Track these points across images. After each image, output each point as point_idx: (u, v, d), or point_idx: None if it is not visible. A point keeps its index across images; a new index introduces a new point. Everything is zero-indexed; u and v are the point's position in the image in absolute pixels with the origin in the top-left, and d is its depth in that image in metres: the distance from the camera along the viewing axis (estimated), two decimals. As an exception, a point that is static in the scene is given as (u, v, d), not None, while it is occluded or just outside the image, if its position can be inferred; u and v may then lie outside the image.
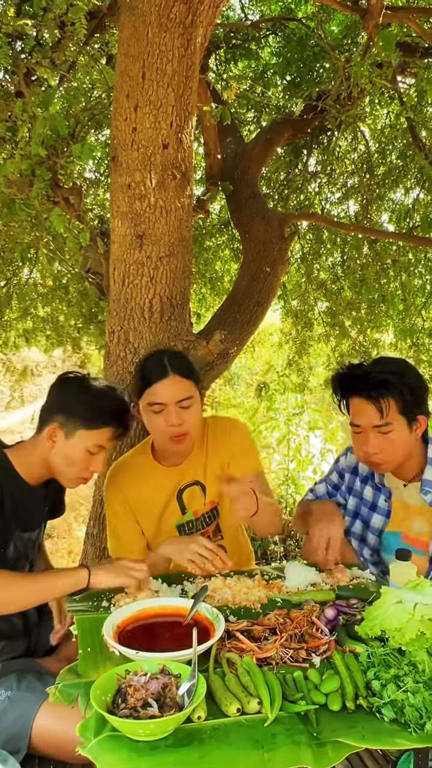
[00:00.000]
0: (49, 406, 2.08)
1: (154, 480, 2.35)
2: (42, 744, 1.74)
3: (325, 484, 2.53)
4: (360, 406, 2.15)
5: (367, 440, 2.15)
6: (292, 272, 6.00)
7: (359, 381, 2.15)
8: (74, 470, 2.05)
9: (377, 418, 2.11)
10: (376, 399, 2.09)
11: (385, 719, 1.35)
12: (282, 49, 5.08)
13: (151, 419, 2.22)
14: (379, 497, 2.34)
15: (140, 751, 1.25)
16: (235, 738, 1.29)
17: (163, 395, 2.17)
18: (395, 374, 2.11)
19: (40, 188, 2.84)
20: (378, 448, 2.14)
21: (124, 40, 2.51)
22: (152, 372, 2.20)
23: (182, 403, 2.18)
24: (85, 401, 2.03)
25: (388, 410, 2.09)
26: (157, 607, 1.75)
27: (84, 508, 6.80)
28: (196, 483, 2.38)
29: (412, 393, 2.12)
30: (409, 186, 5.46)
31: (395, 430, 2.12)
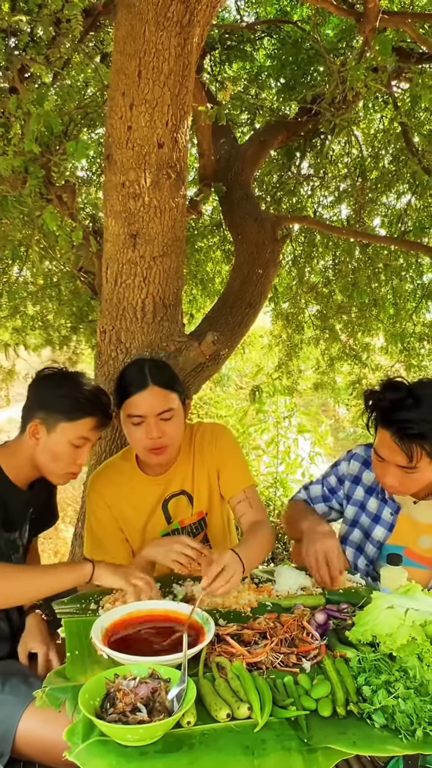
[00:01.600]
0: (30, 405, 2.07)
1: (138, 488, 2.30)
2: (27, 748, 1.71)
3: (322, 486, 2.47)
4: (389, 443, 2.00)
5: (387, 471, 2.06)
6: (283, 275, 6.01)
7: (395, 424, 1.98)
8: (61, 465, 2.03)
9: (404, 462, 1.99)
10: (407, 445, 1.96)
11: (376, 725, 1.35)
12: (277, 52, 5.08)
13: (130, 431, 2.17)
14: (383, 509, 2.29)
15: (129, 757, 1.23)
16: (225, 744, 1.28)
17: (143, 407, 2.11)
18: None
19: (33, 185, 2.82)
20: (398, 482, 2.06)
21: (120, 38, 2.49)
22: (132, 382, 2.14)
23: (162, 415, 2.12)
24: (64, 394, 2.02)
25: (420, 458, 1.97)
26: (146, 610, 1.73)
27: (71, 509, 6.77)
28: (182, 492, 2.34)
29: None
30: (401, 191, 5.49)
31: (420, 471, 2.01)
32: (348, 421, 9.83)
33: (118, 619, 1.67)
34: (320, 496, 2.47)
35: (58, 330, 5.58)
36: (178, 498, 2.33)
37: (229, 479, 2.33)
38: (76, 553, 3.15)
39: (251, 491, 2.32)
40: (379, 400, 2.06)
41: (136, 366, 2.21)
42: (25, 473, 2.07)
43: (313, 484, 2.53)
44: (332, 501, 2.45)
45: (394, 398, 2.01)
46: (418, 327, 5.82)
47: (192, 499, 2.35)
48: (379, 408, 2.06)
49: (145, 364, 2.19)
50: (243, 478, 2.34)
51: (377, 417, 2.07)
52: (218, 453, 2.34)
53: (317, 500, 2.48)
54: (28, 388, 2.12)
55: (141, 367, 2.17)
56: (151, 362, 2.23)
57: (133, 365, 2.24)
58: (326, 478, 2.49)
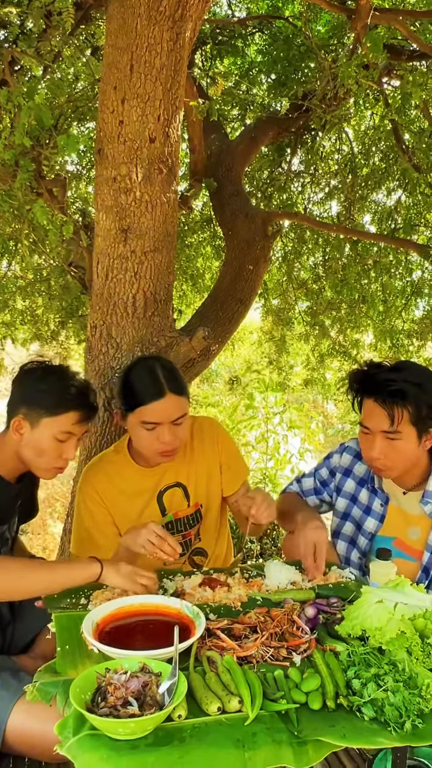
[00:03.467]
0: (13, 399, 2.05)
1: (132, 480, 2.31)
2: (17, 742, 1.71)
3: (314, 479, 2.50)
4: (372, 408, 2.11)
5: (373, 444, 2.12)
6: (273, 271, 6.02)
7: (378, 384, 2.10)
8: (46, 460, 2.02)
9: (387, 425, 2.07)
10: (390, 406, 2.06)
11: (365, 718, 1.35)
12: (268, 48, 5.09)
13: (140, 434, 2.16)
14: (374, 501, 2.31)
15: (120, 750, 1.23)
16: (216, 737, 1.28)
17: (159, 416, 2.11)
18: (416, 385, 2.06)
19: (23, 179, 2.80)
20: (383, 453, 2.11)
21: (112, 32, 2.48)
22: (147, 391, 2.12)
23: (176, 421, 2.14)
24: (46, 389, 1.99)
25: (401, 419, 2.06)
26: (137, 605, 1.73)
27: (60, 504, 6.75)
28: (178, 485, 2.35)
29: (428, 407, 2.07)
30: (391, 188, 5.51)
31: (403, 439, 2.08)
32: (337, 417, 9.89)
33: (108, 614, 1.67)
34: (312, 489, 2.50)
35: (47, 324, 5.56)
36: (173, 490, 2.34)
37: (230, 477, 2.42)
38: (66, 548, 3.14)
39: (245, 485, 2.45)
40: (362, 373, 2.18)
41: (147, 370, 2.18)
42: (12, 467, 2.06)
43: (305, 476, 2.55)
44: (323, 494, 2.48)
45: (374, 365, 2.18)
46: (407, 324, 5.85)
47: (187, 490, 2.36)
48: (362, 380, 2.17)
49: (157, 369, 2.16)
50: (241, 475, 2.47)
51: (360, 389, 2.18)
52: (221, 450, 2.40)
53: (309, 493, 2.50)
54: (12, 382, 2.10)
55: (154, 373, 2.15)
56: (161, 366, 2.20)
57: (144, 368, 2.20)
58: (318, 470, 2.51)
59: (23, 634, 2.16)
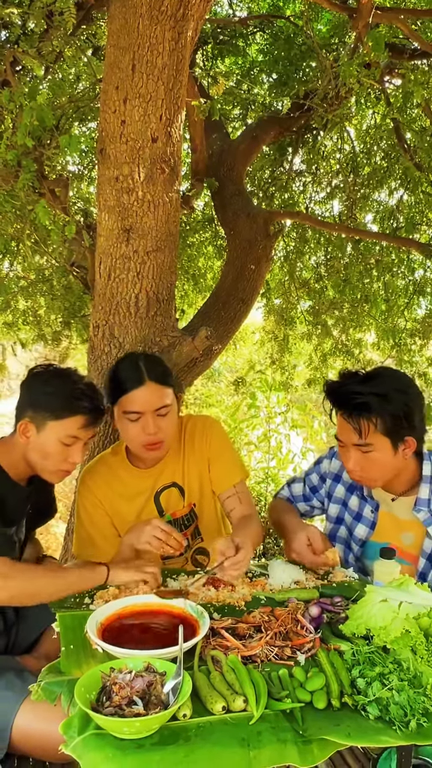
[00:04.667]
0: (20, 403, 2.06)
1: (129, 482, 2.30)
2: (22, 742, 1.71)
3: (304, 485, 2.48)
4: (342, 422, 2.09)
5: (348, 456, 2.10)
6: (275, 270, 6.01)
7: (343, 397, 2.08)
8: (51, 463, 2.02)
9: (356, 438, 2.04)
10: (356, 419, 2.02)
11: (370, 717, 1.35)
12: (269, 47, 5.08)
13: (126, 427, 2.16)
14: (365, 507, 2.29)
15: (125, 750, 1.23)
16: (221, 736, 1.28)
17: (140, 404, 2.10)
18: (379, 397, 2.01)
19: (25, 179, 2.80)
20: (358, 466, 2.09)
21: (113, 32, 2.48)
22: (128, 378, 2.12)
23: (159, 411, 2.12)
24: (51, 392, 2.00)
25: (368, 432, 2.02)
26: (140, 604, 1.73)
27: (62, 504, 6.74)
28: (174, 485, 2.34)
29: (395, 417, 2.02)
30: (393, 187, 5.51)
31: (377, 450, 2.04)
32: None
33: (112, 614, 1.67)
34: (301, 495, 2.48)
35: (50, 325, 5.56)
36: (170, 490, 2.34)
37: (219, 475, 2.35)
38: (69, 548, 3.14)
39: (241, 486, 2.35)
40: (332, 385, 2.15)
41: (130, 361, 2.19)
42: (22, 470, 2.06)
43: (295, 481, 2.52)
44: (313, 500, 2.46)
45: (345, 378, 2.13)
46: (410, 323, 5.84)
47: (183, 491, 2.35)
48: (330, 392, 2.14)
49: (139, 359, 2.17)
50: (233, 473, 2.36)
51: (332, 402, 2.14)
52: (209, 447, 2.35)
53: (298, 499, 2.48)
54: (20, 385, 2.10)
55: (135, 363, 2.16)
56: (144, 357, 2.21)
57: (127, 360, 2.22)
58: (309, 475, 2.49)
59: (27, 635, 2.17)
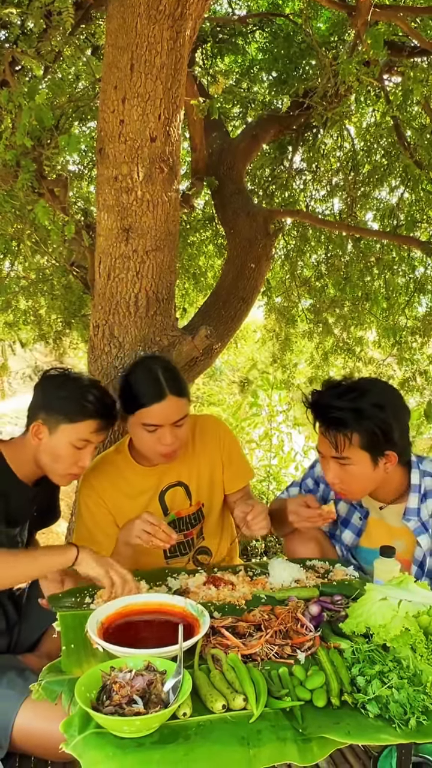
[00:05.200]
0: (34, 405, 2.08)
1: (133, 480, 2.31)
2: (23, 741, 1.72)
3: (299, 489, 2.47)
4: (320, 434, 2.08)
5: (328, 468, 2.09)
6: (276, 269, 6.01)
7: (320, 410, 2.07)
8: (62, 466, 2.04)
9: (333, 451, 2.03)
10: (332, 434, 2.02)
11: (370, 715, 1.36)
12: (269, 45, 5.07)
13: (141, 435, 2.16)
14: (353, 514, 2.28)
15: (125, 748, 1.23)
16: (221, 735, 1.28)
17: (160, 418, 2.11)
18: (354, 412, 1.99)
19: (25, 179, 2.80)
20: (337, 478, 2.07)
21: (112, 31, 2.48)
22: (148, 393, 2.11)
23: (177, 423, 2.14)
24: (66, 396, 2.02)
25: (344, 446, 2.00)
26: (141, 603, 1.73)
27: (64, 504, 6.76)
28: (179, 484, 2.35)
29: (374, 433, 1.99)
30: (393, 185, 5.50)
31: (354, 464, 2.03)
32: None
33: (113, 613, 1.68)
34: None
35: (51, 325, 5.57)
36: (175, 489, 2.35)
37: (232, 476, 2.42)
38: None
39: (247, 487, 2.46)
40: (314, 394, 2.12)
41: (148, 372, 2.16)
42: (31, 471, 2.08)
43: (292, 485, 2.52)
44: None
45: (324, 390, 2.11)
46: (410, 321, 5.84)
47: (189, 489, 2.36)
48: (310, 404, 2.11)
49: (158, 370, 2.15)
50: (245, 475, 2.47)
51: (312, 412, 2.11)
52: (222, 448, 2.40)
53: None
54: (34, 388, 2.11)
55: (154, 375, 2.13)
56: (162, 368, 2.18)
57: (145, 371, 2.18)
58: (305, 480, 2.49)
59: (29, 634, 2.17)
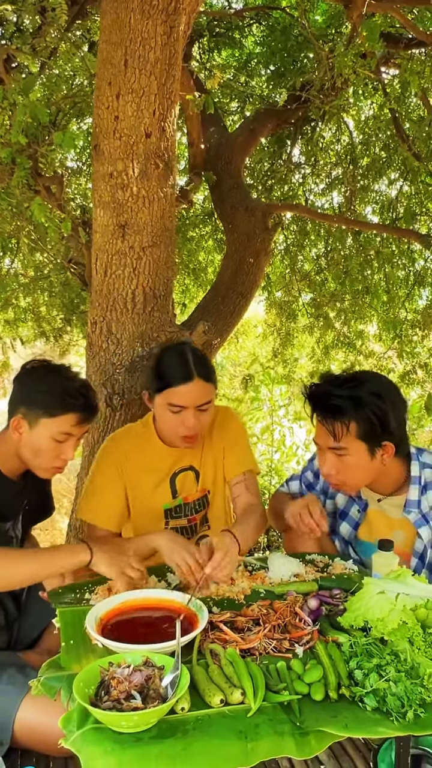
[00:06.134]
0: (13, 399, 2.05)
1: (152, 456, 2.33)
2: (24, 737, 1.73)
3: (300, 482, 2.48)
4: (318, 424, 2.08)
5: (325, 460, 2.09)
6: (276, 263, 6.00)
7: (319, 399, 2.07)
8: (44, 460, 2.02)
9: (331, 441, 2.02)
10: (330, 422, 2.01)
11: (368, 708, 1.36)
12: (266, 39, 5.05)
13: (165, 416, 2.19)
14: (351, 506, 2.29)
15: (123, 743, 1.24)
16: (219, 729, 1.29)
17: (186, 399, 2.14)
18: (353, 400, 1.99)
19: (20, 176, 2.80)
20: (334, 469, 2.07)
21: (105, 27, 2.48)
22: (177, 374, 2.15)
23: (202, 407, 2.17)
24: (45, 390, 1.99)
25: (342, 435, 2.00)
26: (140, 599, 1.74)
27: (67, 500, 6.77)
28: (191, 468, 2.38)
29: (371, 422, 1.99)
30: (392, 178, 5.48)
31: (351, 454, 2.02)
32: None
33: (112, 609, 1.68)
34: (299, 492, 2.47)
35: (50, 322, 5.57)
36: (186, 473, 2.37)
37: (231, 461, 2.41)
38: (72, 543, 3.15)
39: (250, 476, 2.41)
40: (312, 385, 2.13)
41: (179, 354, 2.21)
42: (15, 465, 2.07)
43: (292, 479, 2.52)
44: None
45: (326, 378, 2.12)
46: (411, 314, 5.83)
47: (198, 475, 2.38)
48: (308, 395, 2.12)
49: (188, 354, 2.20)
50: (245, 461, 2.43)
51: (310, 402, 2.12)
52: (227, 435, 2.41)
53: (296, 496, 2.46)
54: (13, 381, 2.10)
55: (185, 357, 2.18)
56: (192, 352, 2.23)
57: (175, 353, 2.24)
58: (304, 473, 2.49)
59: (29, 631, 2.18)
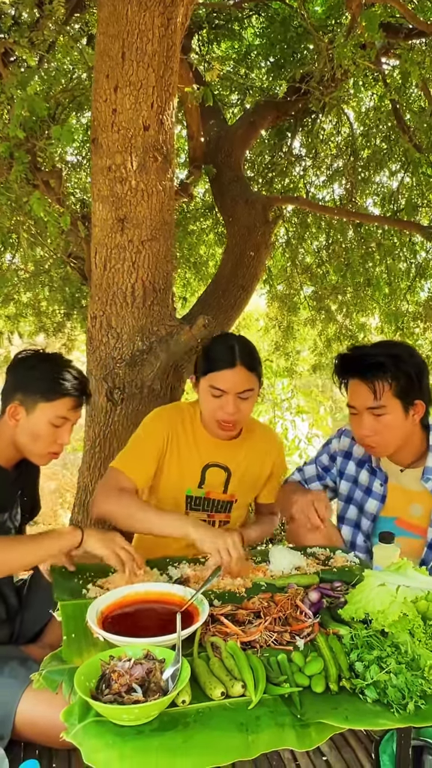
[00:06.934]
0: (8, 387, 2.09)
1: (194, 435, 2.38)
2: (26, 730, 1.74)
3: (315, 465, 2.51)
4: (355, 387, 2.15)
5: (361, 422, 2.14)
6: (277, 256, 5.98)
7: (356, 362, 2.16)
8: (41, 445, 2.05)
9: (370, 400, 2.09)
10: (370, 380, 2.09)
11: (368, 700, 1.36)
12: (265, 30, 5.02)
13: (207, 399, 2.26)
14: (374, 482, 2.32)
15: (125, 736, 1.24)
16: (219, 721, 1.29)
17: (227, 384, 2.20)
18: (392, 357, 2.09)
19: (19, 171, 2.79)
20: (372, 430, 2.13)
21: (103, 20, 2.46)
22: (220, 358, 2.22)
23: (242, 394, 2.22)
24: (41, 375, 2.04)
25: (382, 392, 2.08)
26: (141, 593, 1.74)
27: (70, 494, 6.80)
28: (225, 468, 2.40)
29: (408, 377, 2.09)
30: (393, 169, 5.45)
31: (389, 413, 2.10)
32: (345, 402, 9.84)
33: (113, 602, 1.68)
34: (315, 475, 2.50)
35: (51, 317, 5.57)
36: (218, 470, 2.40)
37: (272, 489, 2.54)
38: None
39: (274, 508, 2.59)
40: (342, 356, 2.24)
41: (225, 342, 2.28)
42: (8, 454, 2.08)
43: (306, 465, 2.56)
44: (326, 479, 2.48)
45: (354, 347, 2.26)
46: (413, 306, 5.81)
47: (229, 479, 2.41)
48: (343, 361, 2.22)
49: (234, 342, 2.26)
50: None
51: (344, 371, 2.22)
52: (276, 462, 2.51)
53: (312, 480, 2.50)
54: (6, 370, 2.13)
55: (231, 345, 2.25)
56: (240, 341, 2.29)
57: (223, 340, 2.32)
58: (319, 457, 2.52)
59: (32, 624, 2.18)
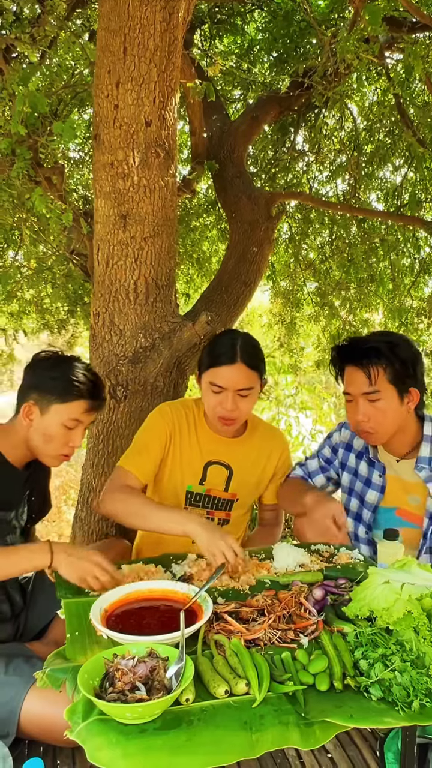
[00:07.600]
0: (24, 386, 2.10)
1: (198, 432, 2.39)
2: (31, 728, 1.74)
3: (318, 459, 2.53)
4: (351, 373, 2.20)
5: (357, 408, 2.19)
6: (280, 252, 5.97)
7: (351, 349, 2.22)
8: (53, 446, 2.05)
9: (366, 385, 2.14)
10: (365, 366, 2.14)
11: (373, 698, 1.35)
12: (268, 25, 4.99)
13: (208, 395, 2.28)
14: (373, 473, 2.35)
15: (128, 735, 1.24)
16: (223, 720, 1.28)
17: (226, 380, 2.22)
18: (386, 343, 2.15)
19: (20, 167, 2.78)
20: (367, 416, 2.17)
21: (104, 15, 2.45)
22: (221, 354, 2.24)
23: (242, 392, 2.23)
24: (57, 376, 2.05)
25: (377, 377, 2.13)
26: (145, 591, 1.74)
27: (74, 491, 6.80)
28: (226, 466, 2.41)
29: (403, 363, 2.14)
30: (397, 164, 5.42)
31: (384, 398, 2.15)
32: (348, 397, 9.80)
33: (116, 600, 1.68)
34: (318, 468, 2.51)
35: (54, 314, 5.57)
36: (219, 467, 2.40)
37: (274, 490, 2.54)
38: (77, 535, 3.17)
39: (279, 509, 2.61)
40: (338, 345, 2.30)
41: (228, 338, 2.30)
42: (20, 453, 2.08)
43: (308, 459, 2.57)
44: (330, 471, 2.50)
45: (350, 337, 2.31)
46: (416, 302, 5.79)
47: (231, 477, 2.41)
48: (339, 350, 2.27)
49: (237, 339, 2.27)
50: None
51: (339, 359, 2.27)
52: (281, 464, 2.52)
53: (315, 473, 2.51)
54: (24, 369, 2.15)
55: (233, 341, 2.26)
56: (243, 338, 2.30)
57: (226, 336, 2.33)
58: (321, 450, 2.55)
59: (36, 622, 2.19)
